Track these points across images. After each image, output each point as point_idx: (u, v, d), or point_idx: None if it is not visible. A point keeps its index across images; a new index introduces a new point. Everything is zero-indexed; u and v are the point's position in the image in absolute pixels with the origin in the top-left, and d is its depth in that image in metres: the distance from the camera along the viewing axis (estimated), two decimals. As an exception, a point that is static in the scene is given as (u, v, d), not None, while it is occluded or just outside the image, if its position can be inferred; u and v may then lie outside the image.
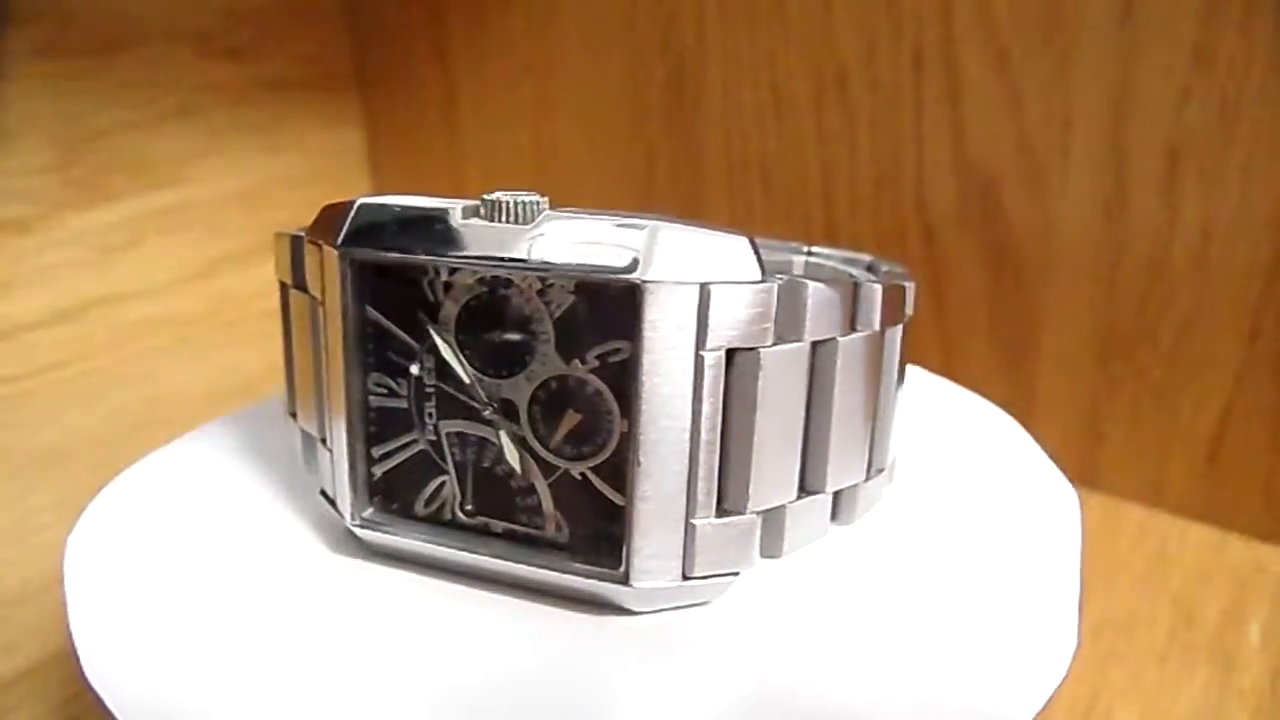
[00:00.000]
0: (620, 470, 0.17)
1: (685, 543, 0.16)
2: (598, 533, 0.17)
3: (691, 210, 0.39)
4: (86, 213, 0.39)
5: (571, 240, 0.16)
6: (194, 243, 0.43)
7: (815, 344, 0.17)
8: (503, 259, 0.16)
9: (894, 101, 0.33)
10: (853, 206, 0.35)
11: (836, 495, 0.19)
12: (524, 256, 0.16)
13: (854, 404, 0.18)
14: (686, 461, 0.16)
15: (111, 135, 0.39)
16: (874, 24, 0.32)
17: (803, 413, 0.17)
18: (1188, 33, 0.27)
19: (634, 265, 0.15)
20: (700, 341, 0.15)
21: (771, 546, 0.18)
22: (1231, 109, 0.27)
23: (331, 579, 0.18)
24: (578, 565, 0.17)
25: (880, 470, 0.19)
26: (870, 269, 0.24)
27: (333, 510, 0.19)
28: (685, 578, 0.17)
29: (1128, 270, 0.30)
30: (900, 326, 0.19)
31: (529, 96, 0.42)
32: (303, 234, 0.19)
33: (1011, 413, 0.25)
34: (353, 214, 0.17)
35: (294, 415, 0.21)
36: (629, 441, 0.16)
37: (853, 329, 0.17)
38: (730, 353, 0.16)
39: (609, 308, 0.16)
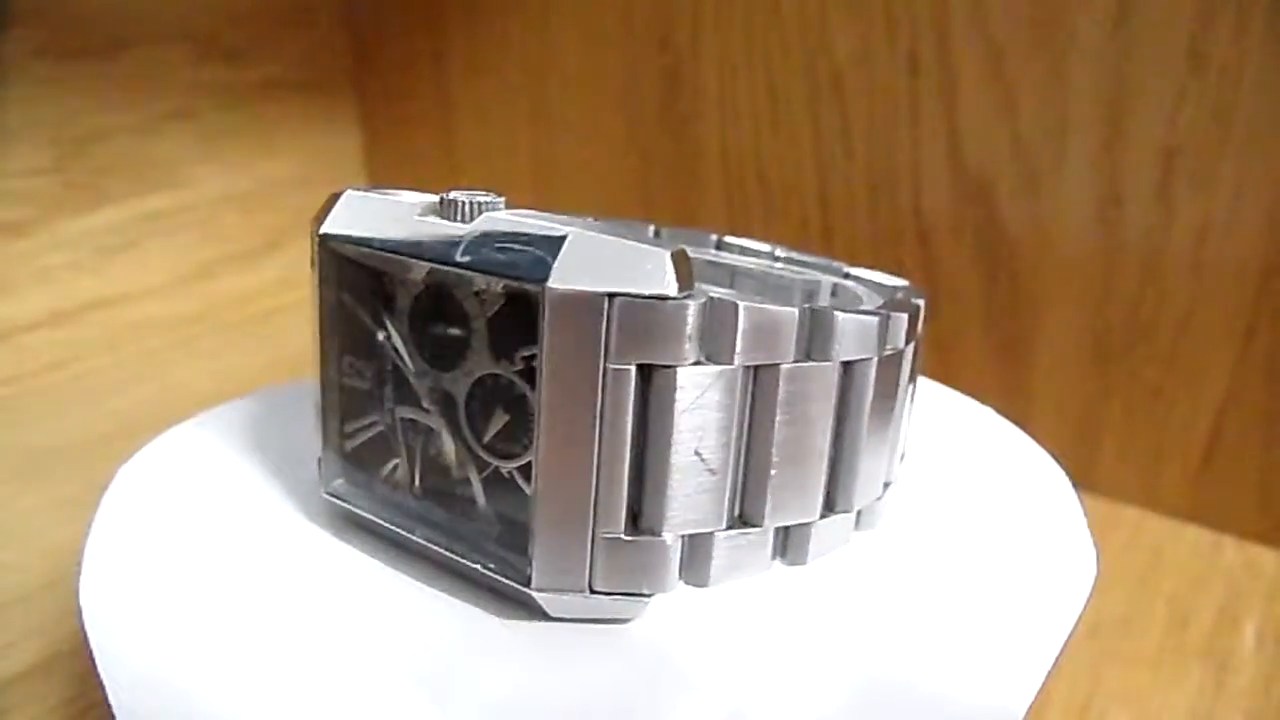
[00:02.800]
0: None
1: (591, 556, 0.16)
2: (518, 532, 0.17)
3: (687, 213, 0.39)
4: (83, 215, 0.39)
5: (498, 243, 0.16)
6: (190, 245, 0.42)
7: (755, 369, 0.16)
8: (436, 258, 0.16)
9: (889, 104, 0.33)
10: (849, 209, 0.35)
11: (784, 532, 0.18)
12: (454, 257, 0.16)
13: (804, 437, 0.17)
14: (592, 473, 0.15)
15: (109, 137, 0.39)
16: (869, 26, 0.32)
17: (733, 439, 0.16)
18: (1182, 35, 0.27)
19: (542, 272, 0.15)
20: (606, 353, 0.15)
21: (696, 574, 0.17)
22: (1226, 111, 0.27)
23: (304, 550, 0.19)
24: (496, 562, 0.17)
25: (844, 512, 0.18)
26: (896, 294, 0.22)
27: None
28: (592, 591, 0.16)
29: (1122, 272, 0.30)
30: (873, 360, 0.18)
31: (525, 99, 0.42)
32: None
33: (1007, 415, 0.25)
34: (337, 204, 0.18)
35: None
36: (534, 447, 0.16)
37: (807, 357, 0.17)
38: (649, 369, 0.15)
39: (530, 312, 0.16)
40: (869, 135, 0.34)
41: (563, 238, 0.15)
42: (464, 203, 0.17)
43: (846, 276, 0.23)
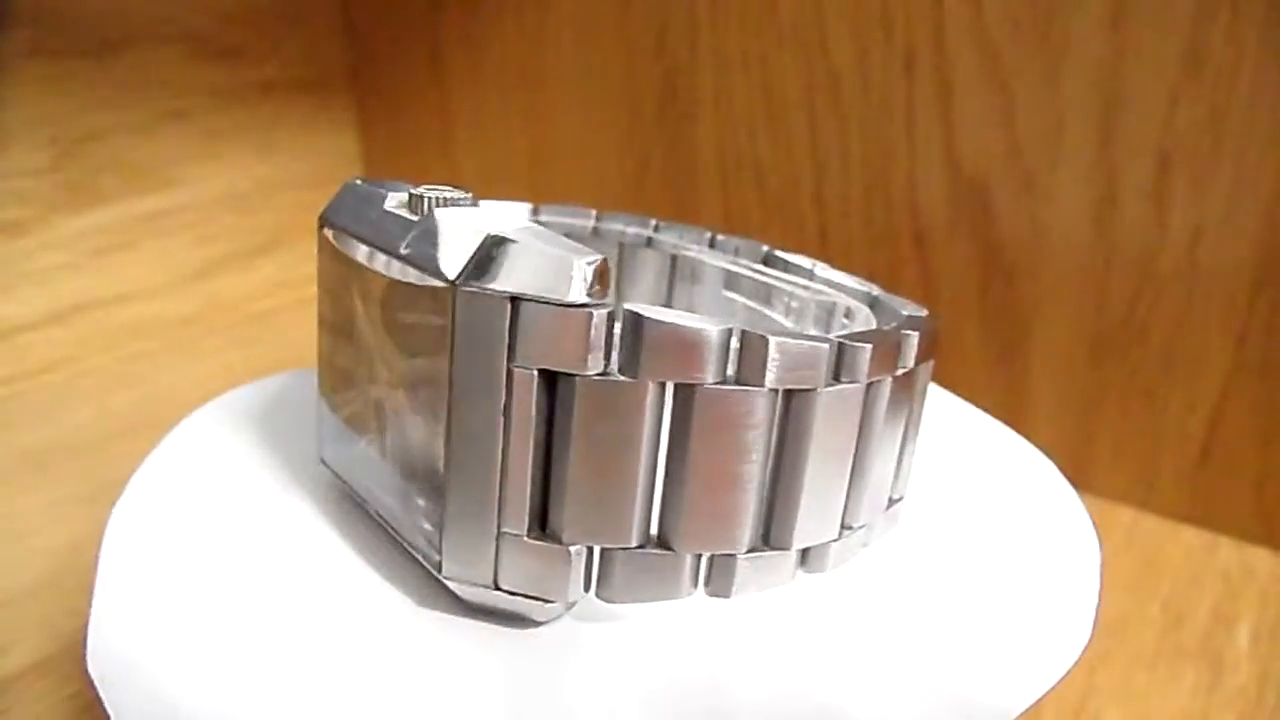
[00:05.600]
0: None
1: (497, 552, 0.16)
2: None
3: (684, 213, 0.39)
4: (79, 215, 0.39)
5: (434, 238, 0.16)
6: (187, 245, 0.42)
7: (676, 387, 0.16)
8: (387, 249, 0.17)
9: (885, 105, 0.33)
10: (844, 210, 0.35)
11: (709, 560, 0.17)
12: (399, 250, 0.17)
13: (728, 464, 0.16)
14: (496, 471, 0.16)
15: (105, 137, 0.39)
16: (866, 28, 0.32)
17: (642, 456, 0.16)
18: (1177, 37, 0.27)
19: (455, 270, 0.15)
20: (510, 355, 0.15)
21: (605, 589, 0.16)
22: (1221, 113, 0.28)
23: (297, 532, 0.20)
24: (428, 545, 0.17)
25: (780, 549, 0.17)
26: (891, 322, 0.21)
27: None
28: (497, 587, 0.16)
29: (1118, 273, 0.30)
30: (816, 391, 0.16)
31: (523, 101, 0.42)
32: None
33: (1002, 416, 0.25)
34: (339, 192, 0.19)
35: None
36: (445, 439, 0.16)
37: (735, 381, 0.16)
38: (554, 375, 0.15)
39: None
40: (865, 137, 0.34)
41: (485, 238, 0.16)
42: (425, 198, 0.17)
43: (874, 301, 0.22)
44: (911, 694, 0.16)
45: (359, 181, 0.19)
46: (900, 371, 0.18)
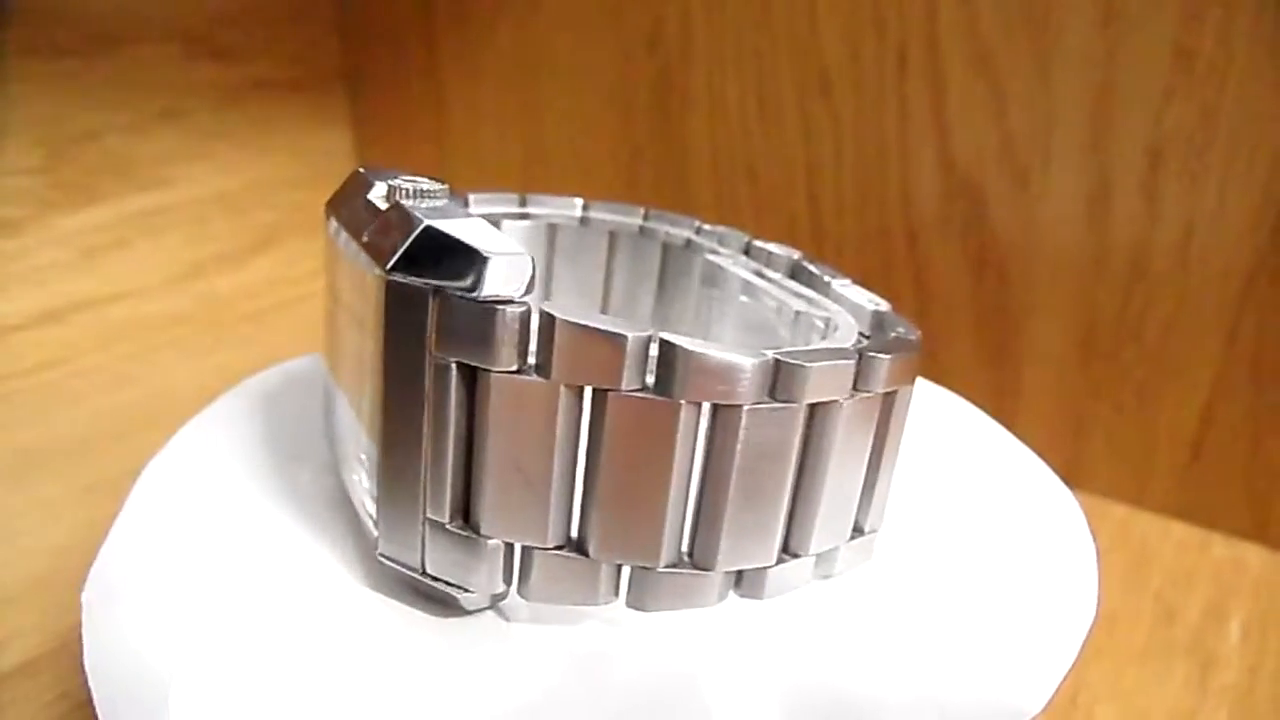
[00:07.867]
0: None
1: (423, 537, 0.16)
2: None
3: (678, 210, 0.39)
4: (73, 214, 0.39)
5: (387, 228, 0.16)
6: (181, 244, 0.42)
7: (595, 392, 0.15)
8: (355, 237, 0.17)
9: (878, 102, 0.33)
10: (838, 207, 0.35)
11: (629, 571, 0.16)
12: (362, 238, 0.17)
13: (645, 475, 0.15)
14: (421, 458, 0.16)
15: (99, 136, 0.39)
16: (858, 25, 0.32)
17: (556, 457, 0.15)
18: (1169, 34, 0.28)
19: (388, 260, 0.16)
20: (432, 346, 0.15)
21: (524, 587, 0.16)
22: (1212, 110, 0.28)
23: (286, 502, 0.20)
24: (373, 525, 0.18)
25: (703, 569, 0.16)
26: (862, 340, 0.20)
27: None
28: (424, 572, 0.17)
29: (1110, 270, 0.30)
30: (742, 408, 0.15)
31: (517, 98, 0.42)
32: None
33: (995, 412, 0.26)
34: (345, 180, 0.20)
35: None
36: (380, 423, 0.16)
37: (655, 390, 0.15)
38: (473, 369, 0.15)
39: None
40: (858, 134, 0.34)
41: (420, 229, 0.16)
42: (397, 187, 0.17)
43: (878, 320, 0.21)
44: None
45: (362, 170, 0.19)
46: (863, 395, 0.17)
